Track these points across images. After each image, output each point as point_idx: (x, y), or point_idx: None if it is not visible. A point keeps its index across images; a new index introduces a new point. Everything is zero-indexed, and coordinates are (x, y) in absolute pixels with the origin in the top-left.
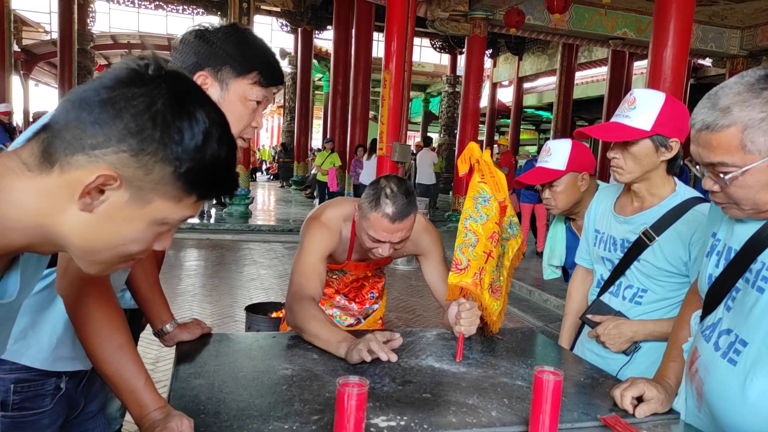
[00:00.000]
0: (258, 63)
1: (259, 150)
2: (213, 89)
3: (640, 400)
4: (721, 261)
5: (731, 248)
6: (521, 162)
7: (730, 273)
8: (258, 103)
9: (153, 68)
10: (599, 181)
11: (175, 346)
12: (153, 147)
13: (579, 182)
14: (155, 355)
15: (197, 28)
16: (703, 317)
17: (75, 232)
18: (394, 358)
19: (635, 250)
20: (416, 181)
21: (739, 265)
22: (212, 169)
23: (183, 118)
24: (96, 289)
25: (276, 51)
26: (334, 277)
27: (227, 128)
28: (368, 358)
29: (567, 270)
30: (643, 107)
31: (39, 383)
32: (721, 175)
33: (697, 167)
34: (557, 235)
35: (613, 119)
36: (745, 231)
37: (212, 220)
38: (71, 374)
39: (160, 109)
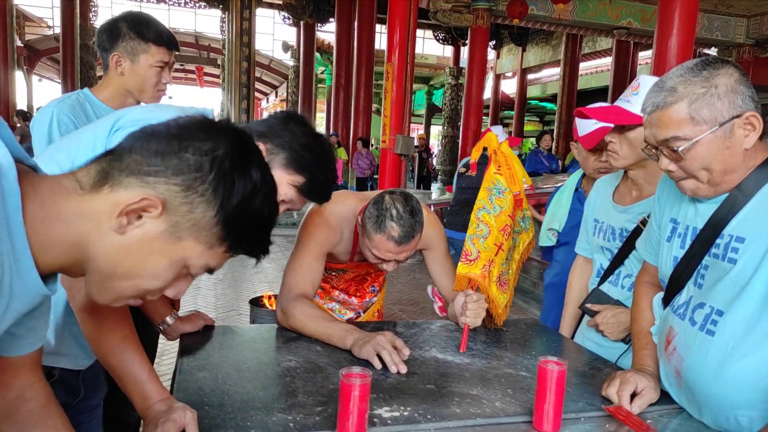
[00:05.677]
0: None
1: None
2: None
3: (633, 394)
4: (686, 241)
5: (695, 228)
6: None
7: (697, 250)
8: None
9: (225, 120)
10: None
11: (179, 339)
12: (203, 187)
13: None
14: (160, 349)
15: None
16: (668, 300)
17: (103, 254)
18: (403, 369)
19: (634, 239)
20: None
21: (705, 241)
22: (251, 224)
23: (239, 169)
24: None
25: (278, 44)
26: (333, 274)
27: (274, 193)
28: (378, 366)
29: (558, 244)
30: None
31: None
32: (675, 149)
33: (653, 151)
34: (563, 199)
35: (616, 103)
36: (708, 209)
37: None
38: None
39: (220, 155)
